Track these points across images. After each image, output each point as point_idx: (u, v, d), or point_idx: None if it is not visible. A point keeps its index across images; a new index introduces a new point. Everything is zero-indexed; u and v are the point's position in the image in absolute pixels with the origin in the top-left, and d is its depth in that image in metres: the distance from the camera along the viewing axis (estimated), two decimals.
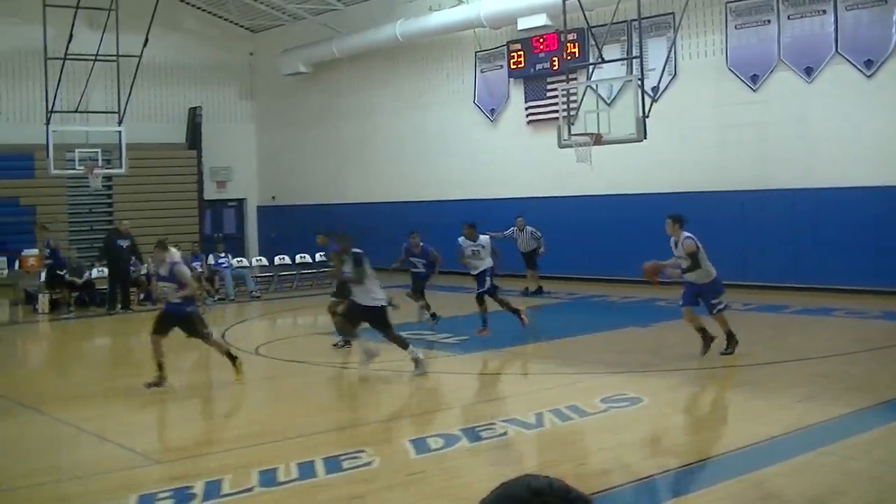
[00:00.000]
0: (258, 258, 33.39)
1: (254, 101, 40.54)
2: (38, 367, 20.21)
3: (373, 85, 34.96)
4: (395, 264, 21.25)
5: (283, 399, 14.37)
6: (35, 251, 30.54)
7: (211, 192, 39.37)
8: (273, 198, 39.86)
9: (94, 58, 28.79)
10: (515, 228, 25.54)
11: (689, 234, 15.44)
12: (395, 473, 9.81)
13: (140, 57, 29.12)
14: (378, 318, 15.26)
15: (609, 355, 16.27)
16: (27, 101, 30.75)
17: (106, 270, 26.29)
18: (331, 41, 34.60)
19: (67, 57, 28.19)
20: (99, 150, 29.48)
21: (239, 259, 30.70)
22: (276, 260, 31.87)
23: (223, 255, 29.19)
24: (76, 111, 28.84)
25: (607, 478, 9.40)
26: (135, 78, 29.12)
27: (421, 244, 21.23)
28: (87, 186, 31.39)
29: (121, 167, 29.57)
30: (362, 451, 10.40)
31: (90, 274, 26.86)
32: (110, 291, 25.84)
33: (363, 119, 35.43)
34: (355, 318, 15.46)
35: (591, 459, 10.61)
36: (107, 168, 30.20)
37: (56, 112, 28.29)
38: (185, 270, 15.20)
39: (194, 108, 38.52)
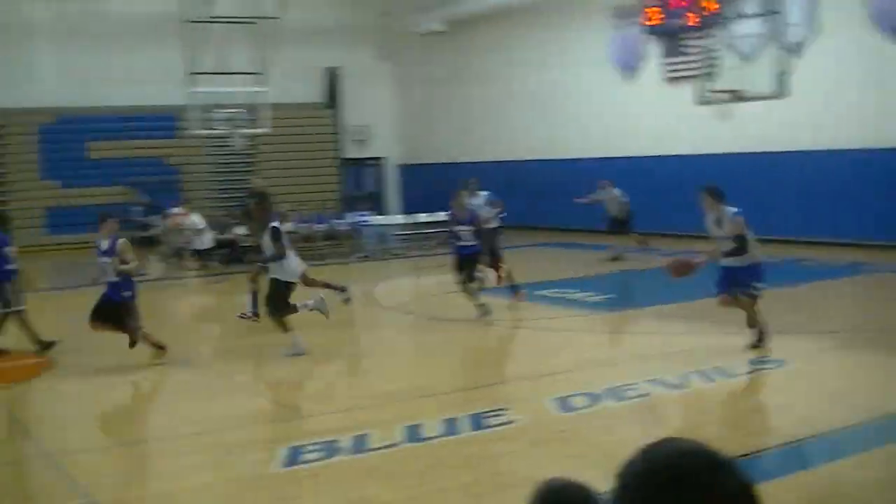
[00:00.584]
0: (398, 216, 33.61)
1: (391, 60, 40.65)
2: (188, 322, 20.74)
3: (509, 43, 34.80)
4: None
5: (425, 356, 14.51)
6: (182, 209, 31.30)
7: (350, 151, 39.74)
8: (411, 156, 39.99)
9: (234, 20, 29.23)
10: (601, 191, 24.93)
11: (736, 210, 13.37)
12: (539, 431, 9.84)
13: (279, 18, 29.45)
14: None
15: None
16: (170, 63, 31.28)
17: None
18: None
19: (208, 19, 28.69)
20: (240, 111, 29.99)
21: (380, 217, 30.95)
22: (417, 218, 32.02)
23: (364, 213, 29.51)
24: (217, 73, 29.31)
25: (754, 440, 9.31)
26: (274, 39, 29.47)
27: (469, 205, 16.95)
28: (229, 146, 32.00)
29: (261, 127, 30.01)
30: (506, 409, 10.48)
31: (234, 232, 27.36)
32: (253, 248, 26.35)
33: (500, 77, 35.33)
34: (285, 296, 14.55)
35: (737, 422, 10.50)
36: (248, 128, 30.68)
37: (198, 73, 28.79)
38: (129, 247, 13.99)
39: (332, 68, 38.86)
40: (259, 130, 30.54)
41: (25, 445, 10.28)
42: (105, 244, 13.68)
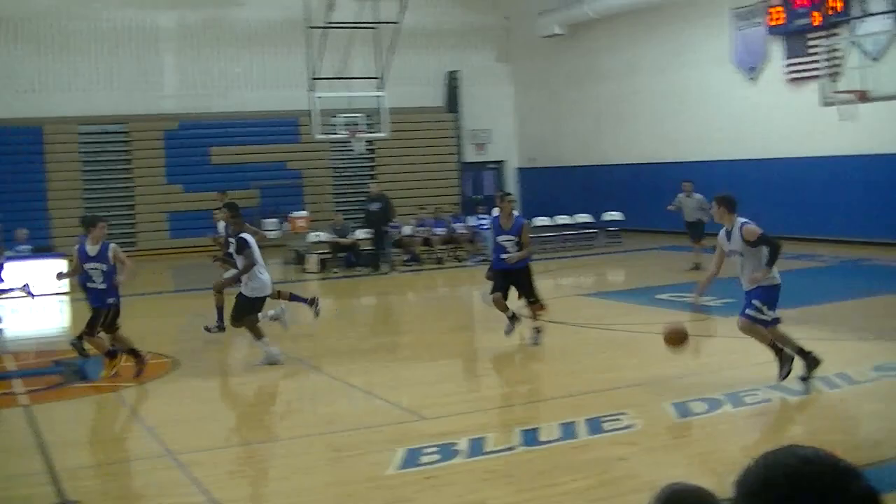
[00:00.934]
0: None
1: (511, 63, 40.57)
2: (308, 323, 20.98)
3: (629, 45, 34.48)
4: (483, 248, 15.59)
5: (544, 360, 14.44)
6: (304, 213, 31.89)
7: (470, 155, 39.83)
8: (531, 160, 39.88)
9: (354, 25, 29.54)
10: (682, 195, 23.92)
11: (746, 220, 11.68)
12: (658, 436, 9.73)
13: (398, 23, 29.65)
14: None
15: (881, 321, 15.57)
16: (291, 69, 31.77)
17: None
18: (584, 2, 34.40)
19: (329, 25, 29.03)
20: (361, 115, 30.26)
21: None
22: (536, 221, 31.95)
23: (483, 216, 29.54)
24: (338, 77, 29.61)
25: (879, 450, 9.00)
26: (393, 44, 29.68)
27: (514, 214, 14.95)
28: (350, 150, 32.36)
29: (382, 131, 30.24)
30: (624, 413, 10.36)
31: (354, 235, 27.68)
32: (372, 253, 26.66)
33: (620, 79, 35.03)
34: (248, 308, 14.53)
35: (861, 430, 10.25)
36: (368, 132, 30.95)
37: (319, 78, 29.13)
38: (121, 253, 13.41)
39: (452, 72, 38.98)
40: (379, 135, 30.81)
41: (149, 443, 10.47)
42: (93, 250, 13.20)
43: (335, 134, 30.15)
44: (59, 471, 9.32)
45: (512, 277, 14.67)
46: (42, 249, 25.33)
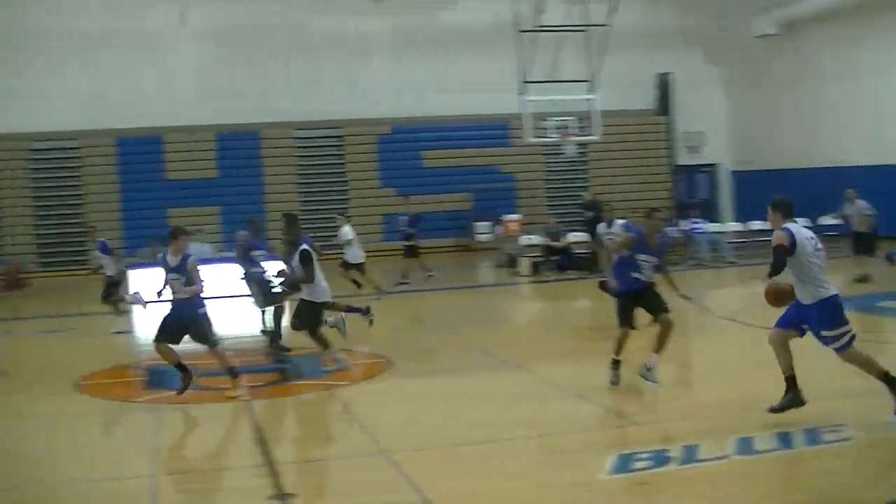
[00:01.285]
0: (733, 223, 32.96)
1: (724, 64, 39.80)
2: (520, 325, 21.08)
3: (847, 44, 33.38)
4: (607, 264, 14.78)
5: (758, 367, 14.08)
6: (516, 216, 32.08)
7: (683, 158, 39.26)
8: (746, 162, 39.01)
9: (564, 28, 29.51)
10: (847, 203, 22.86)
11: (786, 226, 10.73)
12: (880, 450, 9.35)
13: (608, 25, 29.46)
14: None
15: None
16: (502, 72, 31.85)
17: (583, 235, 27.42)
18: (800, 0, 33.53)
19: (538, 29, 29.04)
20: (573, 118, 30.20)
21: (713, 224, 30.46)
22: (752, 225, 31.30)
23: (697, 220, 29.16)
24: (548, 81, 29.56)
25: None
26: (603, 46, 29.50)
27: (662, 230, 13.58)
28: (562, 154, 32.31)
29: (594, 134, 30.10)
30: (843, 425, 10.03)
31: (567, 238, 27.74)
32: (586, 256, 26.68)
33: (838, 79, 33.93)
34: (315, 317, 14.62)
35: None
36: (580, 135, 30.86)
37: (530, 82, 29.17)
38: (197, 266, 13.17)
39: (663, 74, 38.52)
40: (590, 137, 30.69)
41: (362, 441, 10.68)
42: (174, 261, 13.05)
43: (546, 137, 30.18)
44: (277, 464, 9.62)
45: (640, 299, 12.75)
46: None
